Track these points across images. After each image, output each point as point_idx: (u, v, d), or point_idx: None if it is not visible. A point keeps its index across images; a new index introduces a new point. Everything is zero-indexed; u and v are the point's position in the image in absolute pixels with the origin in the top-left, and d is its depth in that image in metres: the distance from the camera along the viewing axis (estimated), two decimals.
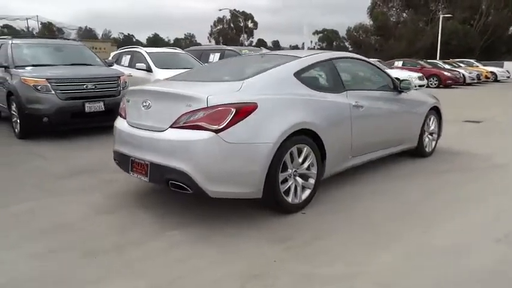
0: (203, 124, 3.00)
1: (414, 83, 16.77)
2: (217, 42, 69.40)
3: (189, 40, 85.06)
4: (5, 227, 3.27)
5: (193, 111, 3.05)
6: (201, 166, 2.99)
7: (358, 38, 61.92)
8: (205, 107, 3.02)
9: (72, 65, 7.40)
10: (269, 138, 3.12)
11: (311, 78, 3.89)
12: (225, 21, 78.70)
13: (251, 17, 78.66)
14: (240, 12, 70.65)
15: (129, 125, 3.58)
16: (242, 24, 67.39)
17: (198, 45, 45.31)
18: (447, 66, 24.16)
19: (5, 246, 2.94)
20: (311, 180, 3.58)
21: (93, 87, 6.65)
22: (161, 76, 7.60)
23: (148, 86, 3.76)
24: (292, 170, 3.40)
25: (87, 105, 6.51)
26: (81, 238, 3.05)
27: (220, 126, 2.98)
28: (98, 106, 6.60)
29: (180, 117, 3.10)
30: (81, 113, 6.50)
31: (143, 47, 10.36)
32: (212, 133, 2.97)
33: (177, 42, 78.60)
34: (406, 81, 4.89)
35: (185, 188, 3.08)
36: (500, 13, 45.57)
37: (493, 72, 26.60)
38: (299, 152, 3.43)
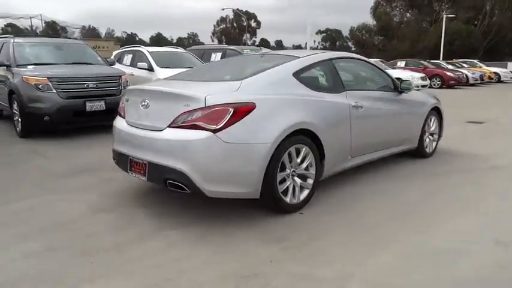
0: (201, 124, 3.00)
1: (417, 83, 16.71)
2: (220, 42, 69.47)
3: (192, 39, 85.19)
4: (4, 224, 3.29)
5: (191, 110, 3.05)
6: (199, 166, 2.99)
7: (361, 37, 61.86)
8: (203, 107, 3.02)
9: (73, 63, 7.42)
10: (267, 138, 3.12)
11: (310, 78, 3.89)
12: (228, 20, 78.83)
13: (254, 17, 78.74)
14: (243, 11, 70.67)
15: (128, 124, 3.59)
16: (245, 23, 67.35)
17: (201, 44, 45.35)
18: (450, 67, 24.06)
19: (3, 244, 2.94)
20: (309, 181, 3.58)
21: (95, 86, 6.67)
22: (163, 75, 7.59)
23: (147, 85, 3.76)
24: (290, 170, 3.40)
25: (88, 104, 6.53)
26: (79, 236, 3.06)
27: (218, 126, 2.98)
28: (99, 105, 6.62)
29: (178, 116, 3.10)
30: (82, 111, 6.52)
31: (145, 46, 10.37)
32: (210, 133, 2.97)
33: (180, 42, 78.76)
34: (407, 82, 4.88)
35: (183, 187, 3.08)
36: (504, 14, 45.37)
37: (496, 73, 26.49)
38: (297, 152, 3.43)
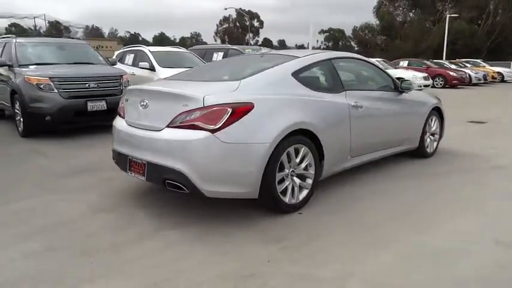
0: (199, 124, 3.00)
1: (419, 83, 16.66)
2: (223, 41, 69.47)
3: (195, 39, 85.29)
4: (4, 224, 3.30)
5: (190, 110, 3.05)
6: (197, 166, 2.99)
7: (364, 37, 61.73)
8: (202, 107, 3.02)
9: (75, 63, 7.44)
10: (265, 138, 3.12)
11: (309, 78, 3.88)
12: (230, 20, 78.85)
13: (257, 16, 78.75)
14: (246, 11, 70.70)
15: (128, 124, 3.59)
16: (248, 23, 67.33)
17: (203, 44, 45.40)
18: (453, 67, 23.99)
19: (3, 244, 2.95)
20: (309, 181, 3.58)
21: (96, 86, 6.68)
22: (164, 75, 7.59)
23: (146, 85, 3.77)
24: (289, 170, 3.40)
25: (89, 103, 6.55)
26: (79, 236, 3.07)
27: (216, 126, 2.98)
28: (100, 105, 6.64)
29: (177, 116, 3.11)
30: (83, 111, 6.54)
31: (146, 46, 10.39)
32: (208, 133, 2.97)
33: (183, 41, 78.87)
34: (407, 82, 4.87)
35: (181, 187, 3.09)
36: (508, 13, 45.15)
37: (499, 73, 26.38)
38: (296, 152, 3.43)
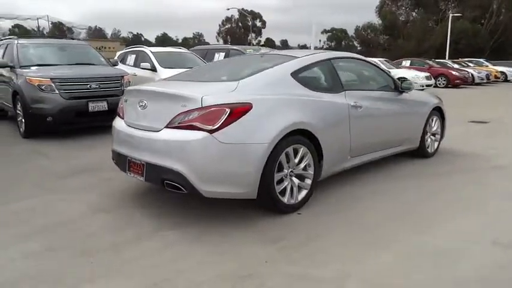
0: (197, 124, 3.00)
1: (421, 83, 16.62)
2: (225, 42, 69.54)
3: (197, 39, 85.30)
4: (4, 224, 3.31)
5: (188, 111, 3.06)
6: (195, 166, 3.00)
7: (367, 37, 61.68)
8: (200, 107, 3.03)
9: (76, 64, 7.46)
10: (264, 139, 3.12)
11: (308, 78, 3.87)
12: (233, 20, 78.82)
13: (259, 16, 78.71)
14: (248, 11, 70.69)
15: (127, 125, 3.60)
16: (250, 23, 67.34)
17: (206, 44, 45.44)
18: (456, 66, 23.91)
19: (3, 244, 2.97)
20: (308, 181, 3.57)
21: (97, 86, 6.70)
22: (166, 75, 7.59)
23: (145, 86, 3.78)
24: (288, 170, 3.40)
25: (90, 104, 6.57)
26: (79, 237, 3.08)
27: (214, 127, 2.98)
28: (102, 105, 6.66)
29: (175, 117, 3.11)
30: (84, 112, 6.55)
31: (148, 47, 10.41)
32: (206, 133, 2.98)
33: (186, 42, 78.90)
34: (407, 82, 4.85)
35: (180, 188, 3.09)
36: (511, 13, 44.96)
37: (502, 72, 26.28)
38: (295, 152, 3.42)
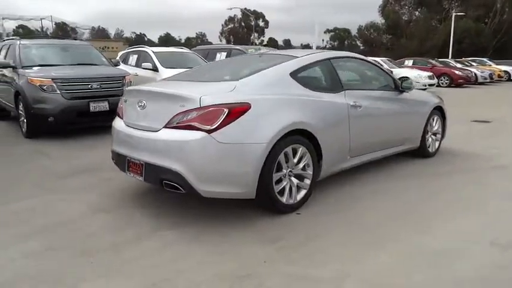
0: (196, 124, 3.01)
1: (424, 82, 16.57)
2: (228, 41, 69.60)
3: (200, 39, 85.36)
4: (4, 224, 3.33)
5: (187, 111, 3.06)
6: (194, 166, 3.00)
7: (369, 36, 61.54)
8: (198, 107, 3.03)
9: (78, 64, 7.49)
10: (262, 139, 3.12)
11: (307, 78, 3.87)
12: (236, 20, 78.82)
13: (262, 16, 78.68)
14: (251, 11, 70.65)
15: (126, 125, 3.61)
16: (253, 23, 67.31)
17: (209, 44, 45.49)
18: (459, 65, 23.81)
19: (3, 244, 2.98)
20: (307, 181, 3.57)
21: (98, 87, 6.72)
22: (167, 75, 7.60)
23: (144, 86, 3.79)
24: (287, 170, 3.40)
25: (92, 104, 6.58)
26: (79, 236, 3.09)
27: (212, 127, 2.99)
28: (103, 106, 6.67)
29: (174, 117, 3.12)
30: (86, 112, 6.57)
31: (150, 47, 10.43)
32: (204, 133, 2.98)
33: (189, 42, 78.99)
34: (408, 81, 4.84)
35: (178, 188, 3.10)
36: None
37: (506, 71, 26.16)
38: (294, 152, 3.42)
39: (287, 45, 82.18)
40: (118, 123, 3.76)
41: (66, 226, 3.28)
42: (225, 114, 3.02)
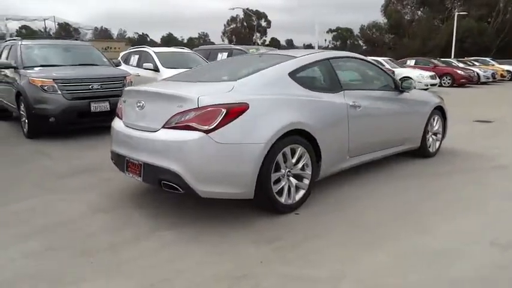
0: (194, 124, 3.01)
1: (426, 82, 16.54)
2: (231, 42, 69.51)
3: (202, 39, 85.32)
4: (4, 224, 3.34)
5: (185, 111, 3.07)
6: (192, 166, 3.00)
7: (372, 36, 61.42)
8: (196, 108, 3.03)
9: (79, 65, 7.51)
10: (260, 139, 3.11)
11: (306, 78, 3.87)
12: (238, 20, 78.74)
13: (264, 16, 78.59)
14: (254, 11, 70.64)
15: (125, 125, 3.61)
16: (255, 23, 67.28)
17: (211, 44, 45.55)
18: (461, 65, 23.74)
19: (3, 244, 2.99)
20: (305, 181, 3.57)
21: (99, 87, 6.73)
22: (168, 76, 7.61)
23: (142, 86, 3.79)
24: (285, 170, 3.39)
25: (93, 105, 6.60)
26: (79, 236, 3.10)
27: (210, 127, 2.99)
28: (104, 106, 6.68)
29: (172, 117, 3.12)
30: (87, 112, 6.59)
31: (151, 47, 10.44)
32: (202, 133, 2.98)
33: (191, 42, 78.99)
34: (408, 81, 4.82)
35: (176, 188, 3.10)
36: None
37: (509, 71, 26.05)
38: (293, 152, 3.42)
39: (289, 45, 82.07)
40: (117, 124, 3.77)
41: (66, 226, 3.29)
42: (223, 115, 3.02)
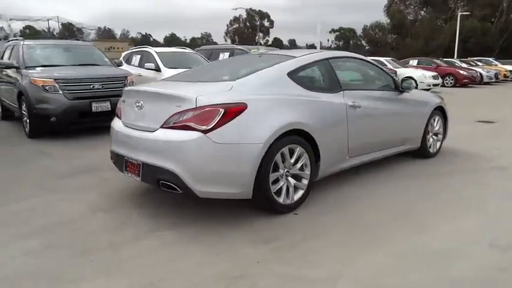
0: (192, 124, 3.01)
1: (428, 82, 16.50)
2: (233, 42, 69.53)
3: (205, 39, 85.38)
4: (4, 224, 3.35)
5: (183, 111, 3.07)
6: (190, 166, 3.01)
7: (374, 36, 61.33)
8: (194, 108, 3.04)
9: (80, 65, 7.52)
10: (258, 139, 3.11)
11: (305, 78, 3.87)
12: (241, 20, 78.80)
13: (267, 16, 78.61)
14: (256, 11, 70.65)
15: (124, 125, 3.62)
16: (258, 23, 67.27)
17: (214, 44, 45.60)
18: (464, 65, 23.65)
19: (3, 243, 3.00)
20: (304, 181, 3.56)
21: (100, 87, 6.75)
22: (169, 75, 7.65)
23: (141, 86, 3.80)
24: (284, 170, 3.39)
25: (94, 104, 6.62)
26: (78, 236, 3.11)
27: (208, 127, 2.99)
28: (105, 106, 6.70)
29: (170, 117, 3.13)
30: (88, 112, 6.61)
31: (155, 47, 10.47)
32: (200, 133, 2.98)
33: (194, 42, 79.07)
34: (408, 81, 4.81)
35: (175, 188, 3.10)
36: None
37: None
38: (291, 152, 3.42)
39: (292, 45, 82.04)
40: (116, 124, 3.78)
41: (66, 226, 3.30)
42: (221, 115, 3.02)
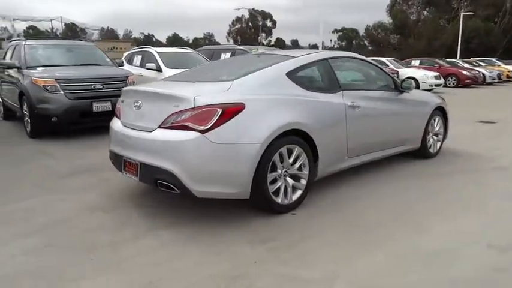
0: (189, 124, 3.02)
1: (430, 82, 16.45)
2: (236, 42, 69.56)
3: (208, 39, 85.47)
4: (4, 223, 3.36)
5: (181, 111, 3.07)
6: (187, 166, 3.01)
7: (377, 36, 61.17)
8: (192, 108, 3.04)
9: (82, 65, 7.54)
10: (256, 139, 3.11)
11: (304, 78, 3.87)
12: (243, 20, 78.82)
13: (270, 16, 78.63)
14: (259, 11, 70.62)
15: (123, 125, 3.63)
16: (260, 23, 67.25)
17: (216, 44, 45.65)
18: (467, 65, 23.57)
19: (3, 241, 3.02)
20: (302, 181, 3.56)
21: (101, 87, 6.76)
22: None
23: (140, 86, 3.81)
24: (282, 170, 3.39)
25: (95, 104, 6.63)
26: (78, 235, 3.13)
27: (206, 127, 2.99)
28: (106, 106, 6.71)
29: (168, 117, 3.13)
30: (89, 112, 6.62)
31: (157, 47, 10.49)
32: (198, 133, 2.99)
33: (196, 42, 79.14)
34: (407, 81, 4.81)
35: (172, 188, 3.11)
36: None
37: None
38: (289, 152, 3.41)
39: (295, 45, 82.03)
40: (115, 124, 3.78)
41: (66, 225, 3.31)
42: (219, 115, 3.02)
